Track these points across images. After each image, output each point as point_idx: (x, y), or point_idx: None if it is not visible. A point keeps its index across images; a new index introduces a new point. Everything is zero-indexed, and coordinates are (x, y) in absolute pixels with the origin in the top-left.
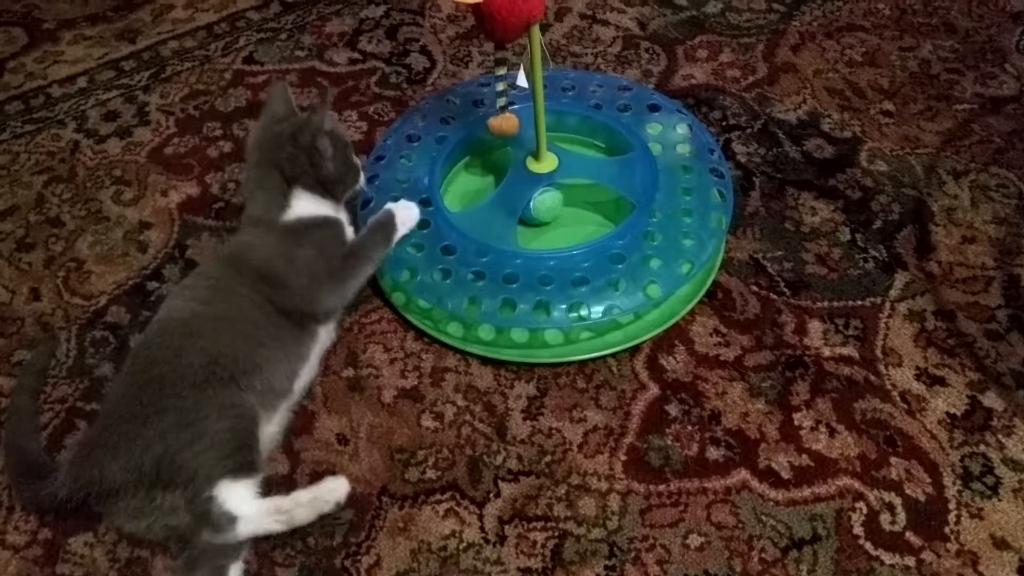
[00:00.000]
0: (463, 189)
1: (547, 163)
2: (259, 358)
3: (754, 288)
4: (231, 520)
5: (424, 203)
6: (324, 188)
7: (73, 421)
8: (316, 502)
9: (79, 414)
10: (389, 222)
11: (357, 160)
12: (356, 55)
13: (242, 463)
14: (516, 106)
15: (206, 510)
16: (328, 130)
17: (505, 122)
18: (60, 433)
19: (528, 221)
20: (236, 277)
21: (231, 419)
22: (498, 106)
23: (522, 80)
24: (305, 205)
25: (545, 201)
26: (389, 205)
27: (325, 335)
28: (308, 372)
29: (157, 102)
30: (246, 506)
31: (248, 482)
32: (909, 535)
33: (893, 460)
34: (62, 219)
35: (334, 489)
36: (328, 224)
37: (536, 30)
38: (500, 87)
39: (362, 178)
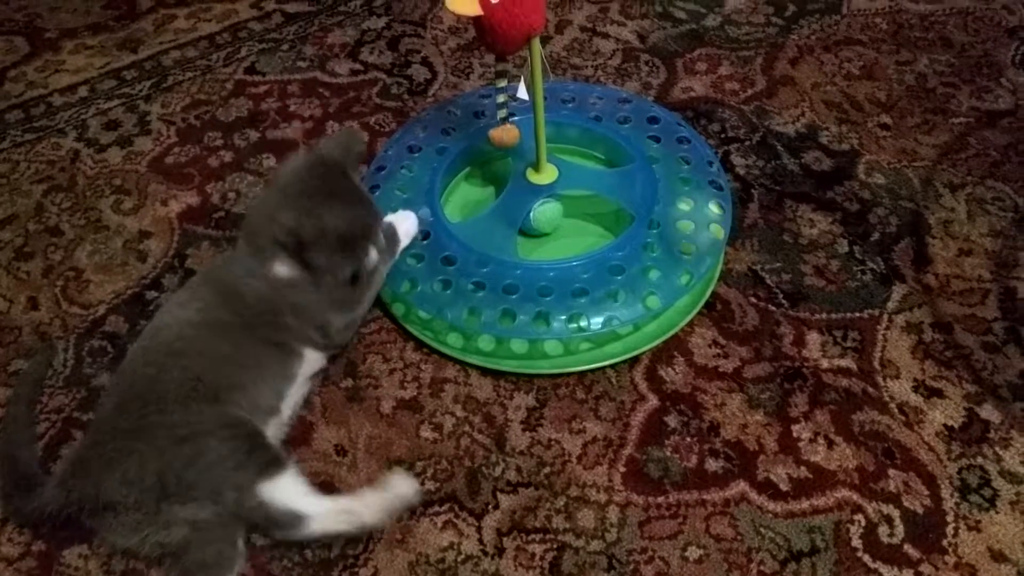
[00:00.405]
0: (464, 200)
1: (547, 174)
2: (243, 378)
3: (753, 300)
4: (298, 518)
5: (425, 215)
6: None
7: (69, 431)
8: (385, 502)
9: (76, 424)
10: (391, 236)
11: (373, 256)
12: (358, 66)
13: (265, 462)
14: (516, 118)
15: (265, 514)
16: (322, 238)
17: (506, 133)
18: (56, 443)
19: (528, 232)
20: (226, 305)
21: (228, 434)
22: (498, 117)
23: (523, 92)
24: (287, 271)
25: (545, 212)
26: (389, 217)
27: (315, 358)
28: (297, 391)
29: (158, 111)
30: (310, 503)
31: (286, 476)
32: (907, 548)
33: (891, 472)
34: (61, 228)
35: (403, 492)
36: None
37: (536, 42)
38: (501, 99)
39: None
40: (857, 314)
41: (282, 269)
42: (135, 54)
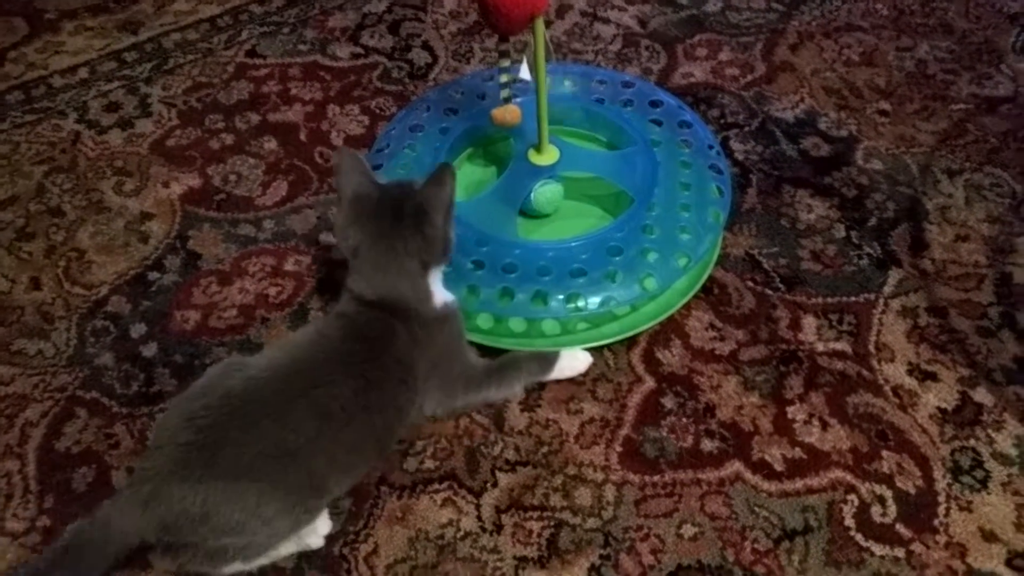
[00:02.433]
0: (466, 180)
1: (548, 156)
2: (339, 485)
3: (750, 283)
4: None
5: None
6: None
7: (73, 409)
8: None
9: (79, 402)
10: (550, 360)
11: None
12: (358, 50)
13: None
14: (519, 99)
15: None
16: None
17: (508, 113)
18: (60, 421)
19: (529, 212)
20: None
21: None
22: (501, 97)
23: (525, 73)
24: (441, 288)
25: (546, 193)
26: (563, 352)
27: None
28: None
29: (159, 94)
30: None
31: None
32: (899, 527)
33: (885, 453)
34: (63, 209)
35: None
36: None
37: (540, 23)
38: (503, 79)
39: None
40: (853, 298)
41: (439, 286)
42: (135, 36)
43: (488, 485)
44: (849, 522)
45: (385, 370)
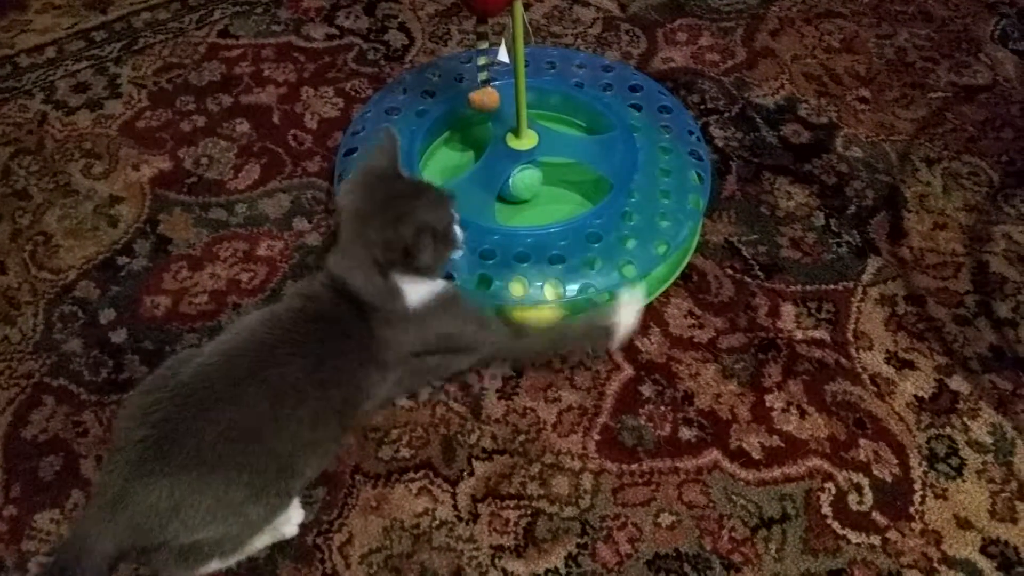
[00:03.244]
0: (443, 164)
1: (527, 140)
2: (308, 466)
3: (729, 271)
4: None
5: None
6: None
7: (40, 397)
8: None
9: (46, 389)
10: (608, 328)
11: (458, 234)
12: (333, 31)
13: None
14: (498, 82)
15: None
16: (433, 225)
17: (486, 96)
18: (26, 408)
19: (507, 198)
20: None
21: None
22: (479, 80)
23: (503, 56)
24: (425, 289)
25: (524, 178)
26: (618, 311)
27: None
28: None
29: (129, 74)
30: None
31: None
32: (876, 515)
33: (862, 442)
34: (29, 192)
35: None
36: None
37: (519, 5)
38: (481, 61)
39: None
40: (832, 286)
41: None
42: (104, 15)
43: (464, 474)
44: (826, 510)
45: (340, 348)
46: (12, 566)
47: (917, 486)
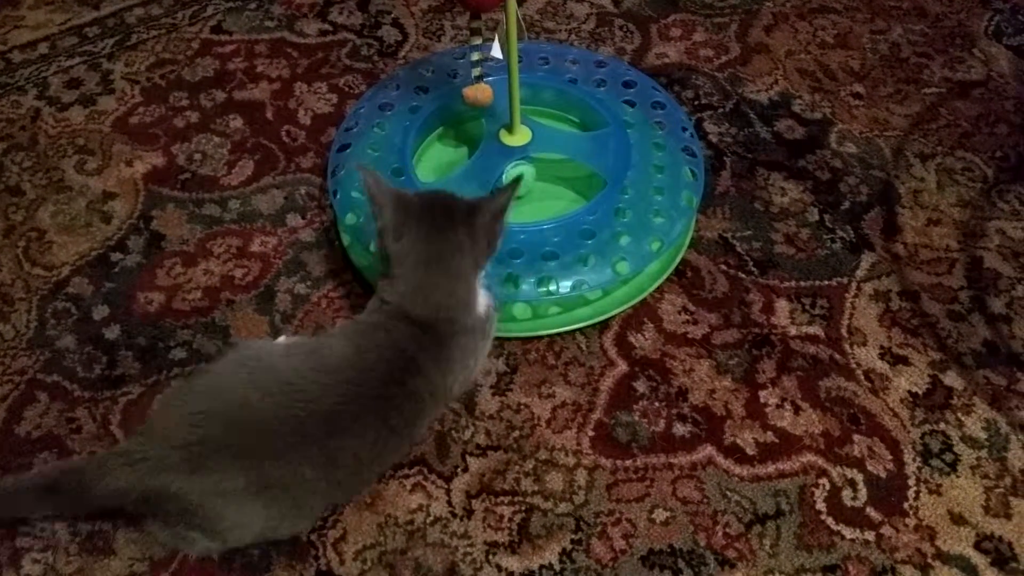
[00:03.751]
0: (436, 160)
1: (520, 136)
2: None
3: (723, 267)
4: None
5: (396, 173)
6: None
7: (33, 393)
8: None
9: (40, 386)
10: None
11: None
12: (327, 26)
13: None
14: (491, 78)
15: None
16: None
17: (480, 92)
18: (20, 405)
19: None
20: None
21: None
22: (472, 76)
23: (497, 51)
24: (484, 292)
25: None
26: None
27: None
28: None
29: (122, 70)
30: None
31: None
32: (870, 510)
33: (856, 437)
34: (22, 188)
35: None
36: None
37: (512, 1)
38: (475, 57)
39: None
40: (826, 282)
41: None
42: (97, 10)
43: (458, 470)
44: (820, 506)
45: (415, 401)
46: (5, 562)
47: (911, 482)
